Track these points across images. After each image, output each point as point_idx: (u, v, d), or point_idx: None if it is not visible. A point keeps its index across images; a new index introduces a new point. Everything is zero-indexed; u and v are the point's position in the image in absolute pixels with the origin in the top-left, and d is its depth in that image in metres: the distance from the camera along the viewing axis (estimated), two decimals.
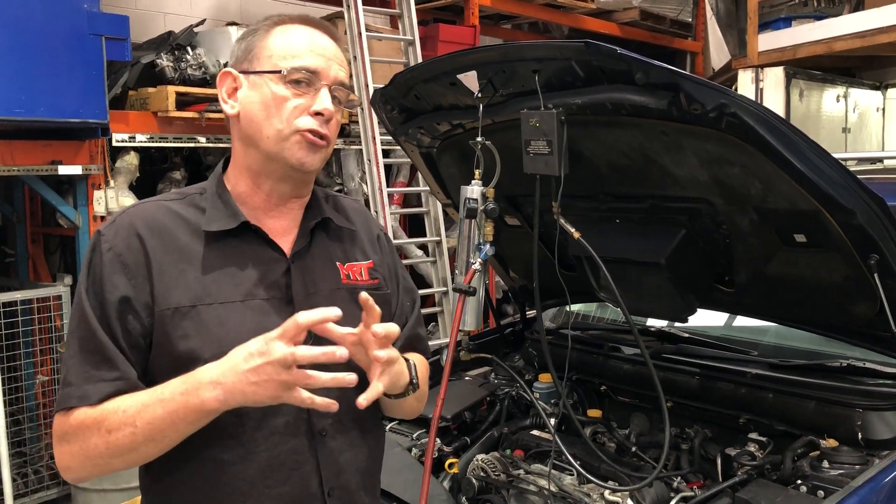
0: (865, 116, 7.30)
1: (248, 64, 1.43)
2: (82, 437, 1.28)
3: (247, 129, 1.41)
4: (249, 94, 1.41)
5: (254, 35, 1.45)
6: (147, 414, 1.25)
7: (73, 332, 1.34)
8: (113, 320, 1.31)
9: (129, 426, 1.25)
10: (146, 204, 1.43)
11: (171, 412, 1.24)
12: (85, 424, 1.28)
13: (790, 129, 1.70)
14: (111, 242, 1.35)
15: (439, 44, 5.76)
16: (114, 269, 1.33)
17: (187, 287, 1.34)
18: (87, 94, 3.91)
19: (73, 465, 1.32)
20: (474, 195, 2.02)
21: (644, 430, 2.33)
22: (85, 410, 1.29)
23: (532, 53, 1.88)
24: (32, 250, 4.78)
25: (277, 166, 1.41)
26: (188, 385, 1.24)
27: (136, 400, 1.27)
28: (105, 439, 1.26)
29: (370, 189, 5.11)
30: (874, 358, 2.06)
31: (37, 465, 4.32)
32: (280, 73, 1.38)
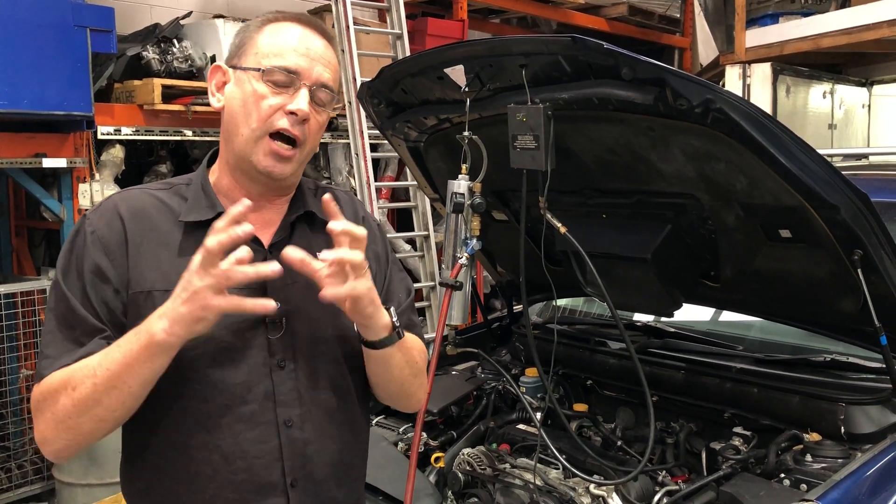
0: (851, 113, 7.35)
1: (237, 59, 1.43)
2: (52, 400, 1.29)
3: (227, 124, 1.43)
4: (233, 90, 1.42)
5: (247, 31, 1.45)
6: (106, 362, 1.26)
7: (51, 309, 1.36)
8: (93, 297, 1.34)
9: (90, 378, 1.27)
10: (132, 190, 1.46)
11: (126, 354, 1.25)
12: (54, 388, 1.30)
13: (775, 125, 1.71)
14: (94, 225, 1.38)
15: (427, 38, 5.75)
16: (95, 249, 1.36)
17: (163, 272, 1.35)
18: (71, 86, 3.88)
19: (48, 434, 1.32)
20: (461, 190, 2.02)
21: (629, 424, 2.34)
22: (55, 374, 1.31)
23: (519, 48, 1.88)
24: (16, 244, 4.75)
25: (248, 167, 1.41)
26: (140, 326, 1.26)
27: (98, 354, 1.29)
28: (71, 397, 1.27)
29: (358, 183, 5.10)
30: (857, 353, 2.07)
31: (20, 459, 4.29)
32: (260, 70, 1.38)
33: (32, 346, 4.25)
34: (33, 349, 4.25)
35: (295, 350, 1.42)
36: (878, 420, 1.91)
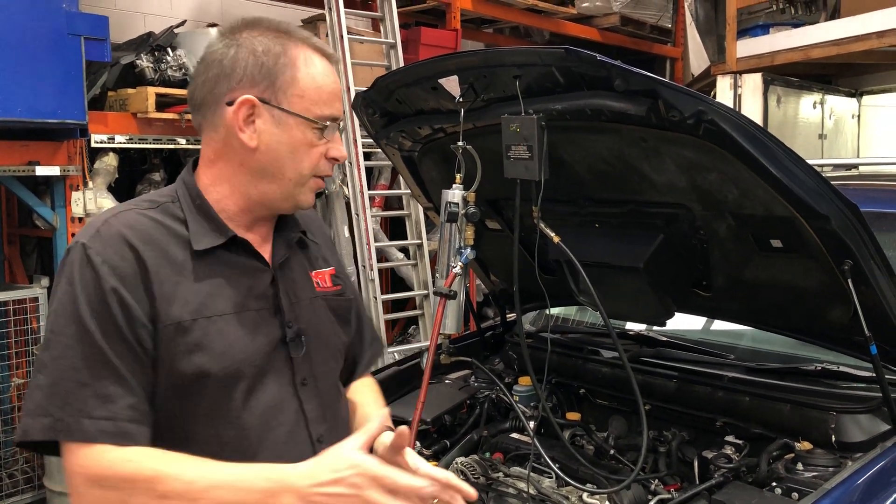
0: (841, 123, 7.39)
1: (272, 94, 1.35)
2: (128, 491, 1.18)
3: (266, 164, 1.37)
4: (275, 133, 1.36)
5: (270, 55, 1.36)
6: (214, 495, 1.16)
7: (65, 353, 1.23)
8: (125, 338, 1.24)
9: (189, 500, 1.16)
10: (126, 213, 1.35)
11: (242, 502, 1.16)
12: (134, 478, 1.18)
13: (766, 135, 1.73)
14: (103, 255, 1.27)
15: (421, 47, 5.77)
16: (111, 280, 1.25)
17: (185, 300, 1.30)
18: (65, 94, 3.88)
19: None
20: (455, 199, 2.03)
21: (622, 432, 2.35)
22: (129, 457, 1.20)
23: (513, 59, 1.90)
24: (8, 251, 4.73)
25: (286, 204, 1.42)
26: (273, 483, 1.16)
27: (202, 473, 1.18)
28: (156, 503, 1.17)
29: (351, 192, 5.11)
30: (848, 362, 2.09)
31: (11, 468, 4.27)
32: (318, 125, 1.37)
33: (24, 355, 4.23)
34: (25, 357, 4.23)
35: (313, 366, 1.43)
36: (868, 429, 1.92)
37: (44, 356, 1.25)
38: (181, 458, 1.21)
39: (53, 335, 1.25)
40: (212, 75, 1.38)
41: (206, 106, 1.40)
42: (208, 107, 1.39)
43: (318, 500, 1.14)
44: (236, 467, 1.20)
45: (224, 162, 1.40)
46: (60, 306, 1.26)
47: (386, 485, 1.14)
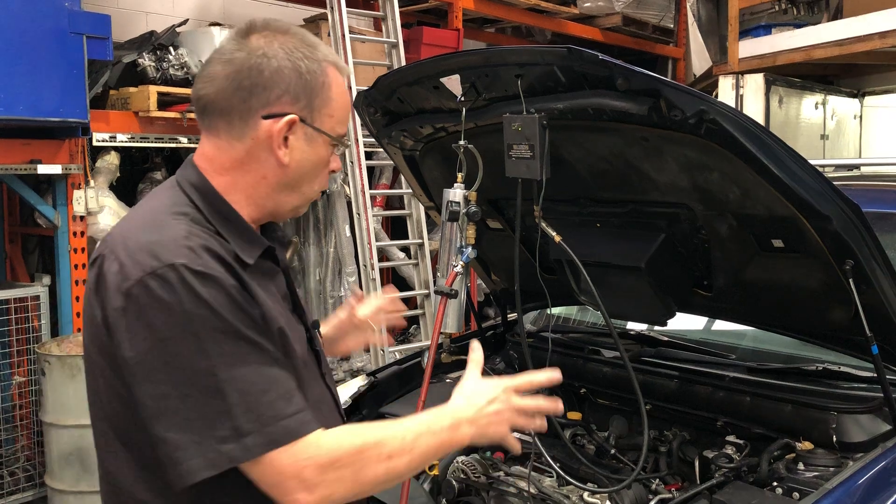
0: (843, 124, 7.39)
1: (309, 113, 1.35)
2: (361, 461, 1.24)
3: (290, 179, 1.37)
4: (305, 150, 1.36)
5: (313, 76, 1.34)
6: (422, 443, 1.30)
7: (233, 372, 1.19)
8: (270, 335, 1.27)
9: (407, 453, 1.28)
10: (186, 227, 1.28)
11: (440, 443, 1.33)
12: (363, 449, 1.25)
13: (768, 135, 1.73)
14: (212, 269, 1.23)
15: (423, 46, 5.78)
16: (238, 289, 1.24)
17: (271, 309, 1.30)
18: (67, 93, 3.89)
19: (338, 491, 1.24)
20: (457, 198, 2.03)
21: (623, 432, 2.35)
22: (337, 435, 1.25)
23: (515, 58, 1.90)
24: (10, 250, 4.74)
25: (290, 214, 1.46)
26: (452, 419, 1.35)
27: (403, 427, 1.31)
28: (385, 465, 1.26)
29: (353, 191, 5.11)
30: (849, 362, 2.09)
31: (12, 466, 4.27)
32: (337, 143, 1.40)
33: (25, 353, 4.24)
34: (26, 356, 4.24)
35: (325, 357, 1.52)
36: (869, 429, 1.92)
37: (208, 381, 1.18)
38: (376, 423, 1.35)
39: (212, 359, 1.19)
40: (246, 84, 1.31)
41: (232, 113, 1.33)
42: (236, 115, 1.33)
43: (484, 420, 1.38)
44: (419, 416, 1.37)
45: (243, 172, 1.36)
46: (203, 329, 1.19)
47: (520, 388, 1.43)
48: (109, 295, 1.23)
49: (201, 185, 1.36)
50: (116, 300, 1.22)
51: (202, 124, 1.39)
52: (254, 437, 1.18)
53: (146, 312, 1.20)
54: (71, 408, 3.76)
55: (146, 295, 1.19)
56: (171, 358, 1.18)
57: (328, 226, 5.64)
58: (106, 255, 1.28)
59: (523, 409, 1.42)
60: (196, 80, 1.38)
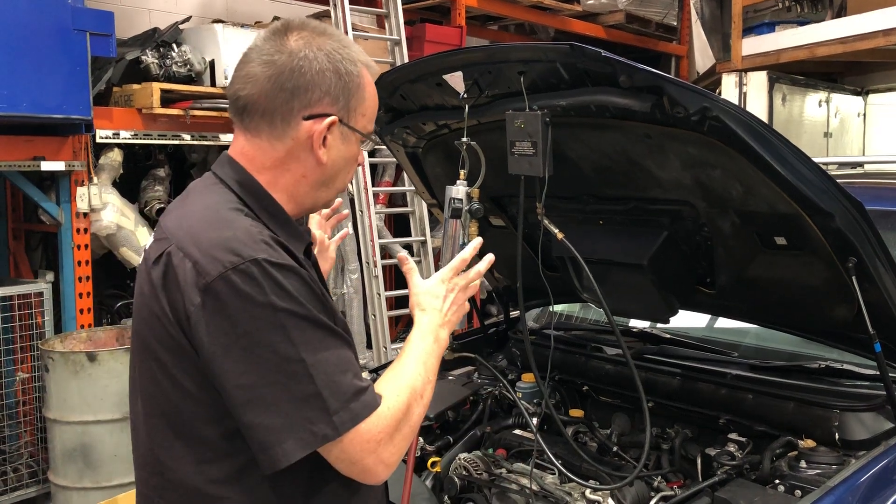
0: (847, 121, 7.38)
1: (346, 113, 1.40)
2: (409, 413, 1.36)
3: (327, 177, 1.44)
4: (341, 149, 1.42)
5: (351, 78, 1.39)
6: (431, 366, 1.44)
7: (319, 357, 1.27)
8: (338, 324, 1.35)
9: (429, 384, 1.42)
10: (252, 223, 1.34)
11: (437, 357, 1.47)
12: (408, 402, 1.36)
13: (771, 133, 1.72)
14: (288, 261, 1.29)
15: (426, 44, 5.77)
16: (313, 279, 1.33)
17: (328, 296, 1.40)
18: (70, 89, 3.89)
19: (402, 448, 1.35)
20: (459, 195, 2.02)
21: (625, 429, 2.35)
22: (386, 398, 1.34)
23: (517, 55, 1.89)
24: (14, 246, 4.74)
25: (321, 208, 1.54)
26: (431, 334, 1.48)
27: (412, 362, 1.42)
28: (420, 405, 1.39)
29: (355, 188, 5.11)
30: (852, 360, 2.09)
31: (16, 463, 4.28)
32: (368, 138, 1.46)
33: (28, 350, 4.25)
34: (29, 352, 4.25)
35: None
36: (872, 427, 1.92)
37: (297, 368, 1.24)
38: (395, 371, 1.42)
39: (298, 346, 1.25)
40: (288, 86, 1.35)
41: (275, 115, 1.37)
42: (278, 116, 1.37)
43: (449, 315, 1.52)
44: (410, 349, 1.46)
45: (283, 171, 1.40)
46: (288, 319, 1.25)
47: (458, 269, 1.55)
48: (186, 291, 1.27)
49: (247, 183, 1.40)
50: (195, 296, 1.26)
51: (241, 124, 1.42)
52: (340, 415, 1.26)
53: (229, 306, 1.24)
54: (74, 404, 3.77)
55: (229, 290, 1.24)
56: (260, 348, 1.24)
57: None
58: (173, 252, 1.31)
59: (468, 284, 1.56)
60: (233, 80, 1.41)
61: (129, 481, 3.68)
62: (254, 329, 1.24)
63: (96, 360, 3.74)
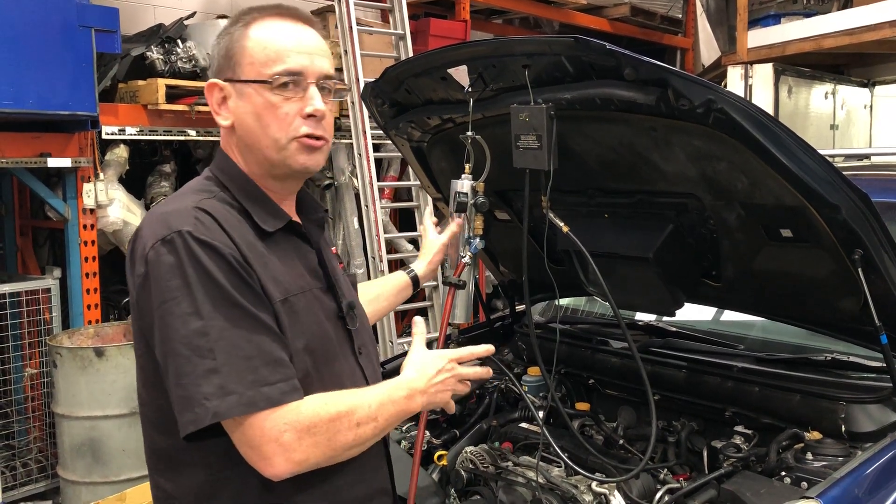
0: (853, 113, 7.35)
1: (232, 72, 1.42)
2: (333, 428, 1.33)
3: (245, 139, 1.43)
4: (241, 105, 1.42)
5: (230, 37, 1.43)
6: (385, 411, 1.40)
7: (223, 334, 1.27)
8: (266, 304, 1.33)
9: (373, 421, 1.37)
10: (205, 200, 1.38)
11: (399, 412, 1.43)
12: (338, 416, 1.33)
13: (777, 125, 1.72)
14: (214, 237, 1.31)
15: (430, 38, 5.77)
16: (238, 258, 1.32)
17: (274, 281, 1.37)
18: (76, 86, 3.90)
19: (312, 456, 1.32)
20: (464, 189, 2.03)
21: (631, 422, 2.35)
22: (315, 402, 1.32)
23: (522, 48, 1.89)
24: (21, 243, 4.77)
25: (282, 171, 1.44)
26: (407, 390, 1.45)
27: (369, 396, 1.39)
28: (354, 433, 1.35)
29: (360, 183, 5.12)
30: (858, 352, 2.08)
31: (25, 458, 4.31)
32: (267, 82, 1.38)
33: (37, 346, 4.27)
34: (38, 348, 4.27)
35: (362, 335, 1.57)
36: (878, 419, 1.92)
37: (200, 341, 1.26)
38: (345, 392, 1.39)
39: (205, 320, 1.26)
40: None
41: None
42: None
43: (433, 389, 1.49)
44: (380, 387, 1.45)
45: (232, 146, 1.48)
46: (200, 292, 1.27)
47: (462, 359, 1.54)
48: (136, 263, 1.34)
49: (226, 167, 1.47)
50: (140, 268, 1.33)
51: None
52: (236, 398, 1.25)
53: (156, 275, 1.29)
54: (82, 399, 3.79)
55: (156, 259, 1.30)
56: (171, 318, 1.27)
57: (337, 218, 5.65)
58: (135, 232, 1.40)
59: (464, 376, 1.56)
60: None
61: (138, 476, 3.70)
62: (169, 298, 1.27)
63: (104, 355, 3.76)
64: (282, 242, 1.44)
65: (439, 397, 1.51)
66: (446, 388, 1.52)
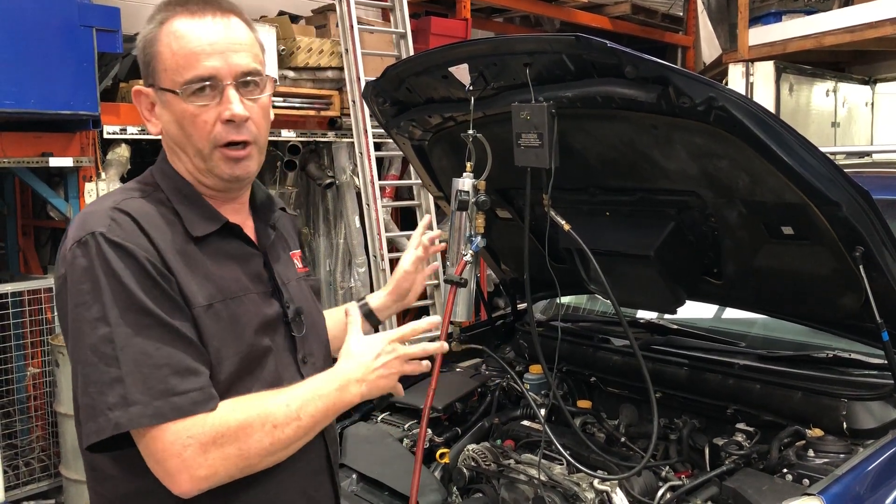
0: (854, 111, 7.34)
1: (152, 78, 1.36)
2: (243, 436, 1.24)
3: (171, 145, 1.40)
4: (164, 113, 1.37)
5: (145, 40, 1.36)
6: (310, 408, 1.30)
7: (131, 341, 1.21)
8: (182, 309, 1.27)
9: (295, 420, 1.28)
10: (129, 200, 1.34)
11: (329, 406, 1.34)
12: (249, 423, 1.24)
13: (778, 122, 1.72)
14: (129, 239, 1.26)
15: (431, 37, 5.76)
16: (153, 262, 1.26)
17: (200, 285, 1.31)
18: (77, 85, 3.90)
19: (221, 469, 1.24)
20: (466, 187, 2.03)
21: (633, 420, 2.36)
22: (222, 411, 1.24)
23: (523, 47, 1.89)
24: (23, 243, 4.77)
25: (212, 180, 1.39)
26: (340, 381, 1.36)
27: (288, 396, 1.30)
28: (271, 435, 1.26)
29: (362, 182, 5.12)
30: (859, 349, 2.08)
31: (28, 457, 4.32)
32: (177, 93, 1.31)
33: (39, 345, 4.27)
34: (40, 347, 4.27)
35: (310, 344, 1.49)
36: (879, 416, 1.92)
37: (106, 349, 1.21)
38: (263, 394, 1.31)
39: (112, 327, 1.21)
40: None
41: None
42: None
43: (373, 376, 1.39)
44: (307, 382, 1.35)
45: (167, 148, 1.43)
46: (109, 297, 1.22)
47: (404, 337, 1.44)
48: (57, 266, 1.32)
49: (164, 166, 1.43)
50: (60, 269, 1.30)
51: None
52: (140, 408, 1.20)
53: (71, 279, 1.25)
54: None
55: (72, 262, 1.26)
56: (82, 323, 1.23)
57: (338, 217, 5.65)
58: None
59: (409, 356, 1.44)
60: None
61: None
62: (80, 303, 1.23)
63: None
64: (218, 245, 1.38)
65: (382, 383, 1.41)
66: (390, 370, 1.41)
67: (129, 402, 1.19)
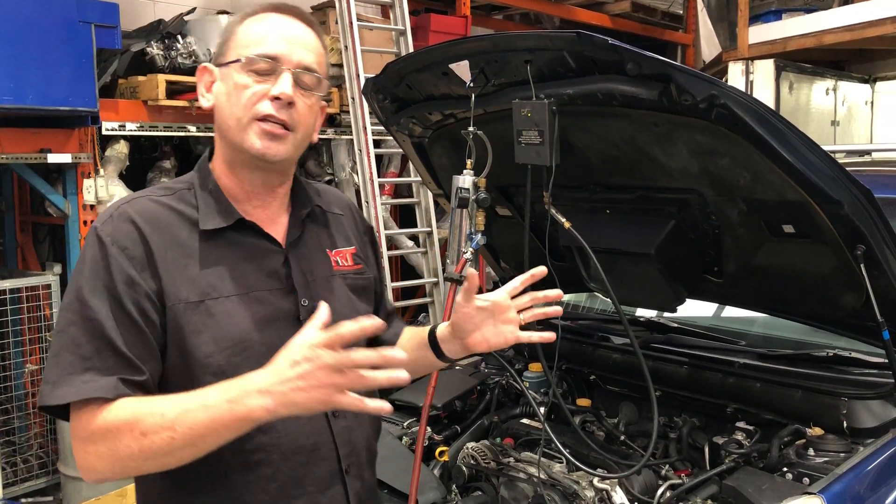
0: (854, 109, 7.34)
1: (221, 57, 1.44)
2: (112, 437, 1.22)
3: (217, 119, 1.44)
4: (219, 86, 1.43)
5: (228, 29, 1.46)
6: (188, 419, 1.18)
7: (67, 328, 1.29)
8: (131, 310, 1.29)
9: (167, 430, 1.19)
10: (139, 199, 1.40)
11: (215, 419, 1.17)
12: (117, 426, 1.22)
13: (779, 120, 1.72)
14: (113, 236, 1.33)
15: (430, 34, 5.75)
16: (122, 260, 1.31)
17: (192, 282, 1.34)
18: (76, 82, 3.89)
19: (98, 465, 1.25)
20: (466, 185, 2.02)
21: (633, 418, 2.35)
22: (113, 409, 1.24)
23: (524, 44, 1.89)
24: (21, 239, 4.77)
25: (243, 156, 1.41)
26: (234, 393, 1.17)
27: (174, 403, 1.21)
28: (139, 442, 1.20)
29: (361, 179, 5.11)
30: (860, 348, 2.08)
31: (26, 454, 4.31)
32: (240, 61, 1.38)
33: (37, 341, 4.27)
34: (38, 344, 4.27)
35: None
36: (880, 415, 1.92)
37: (57, 328, 1.32)
38: (162, 397, 1.25)
39: (61, 311, 1.32)
40: None
41: None
42: None
43: (285, 387, 1.14)
44: (205, 389, 1.22)
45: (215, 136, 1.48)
46: (70, 284, 1.34)
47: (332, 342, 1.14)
48: None
49: (202, 165, 1.48)
50: None
51: None
52: (49, 388, 1.27)
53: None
54: None
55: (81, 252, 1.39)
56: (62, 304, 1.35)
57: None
58: None
59: (339, 364, 1.13)
60: None
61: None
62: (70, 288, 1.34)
63: None
64: (232, 240, 1.40)
65: (301, 396, 1.14)
66: (309, 383, 1.13)
67: (46, 380, 1.29)
